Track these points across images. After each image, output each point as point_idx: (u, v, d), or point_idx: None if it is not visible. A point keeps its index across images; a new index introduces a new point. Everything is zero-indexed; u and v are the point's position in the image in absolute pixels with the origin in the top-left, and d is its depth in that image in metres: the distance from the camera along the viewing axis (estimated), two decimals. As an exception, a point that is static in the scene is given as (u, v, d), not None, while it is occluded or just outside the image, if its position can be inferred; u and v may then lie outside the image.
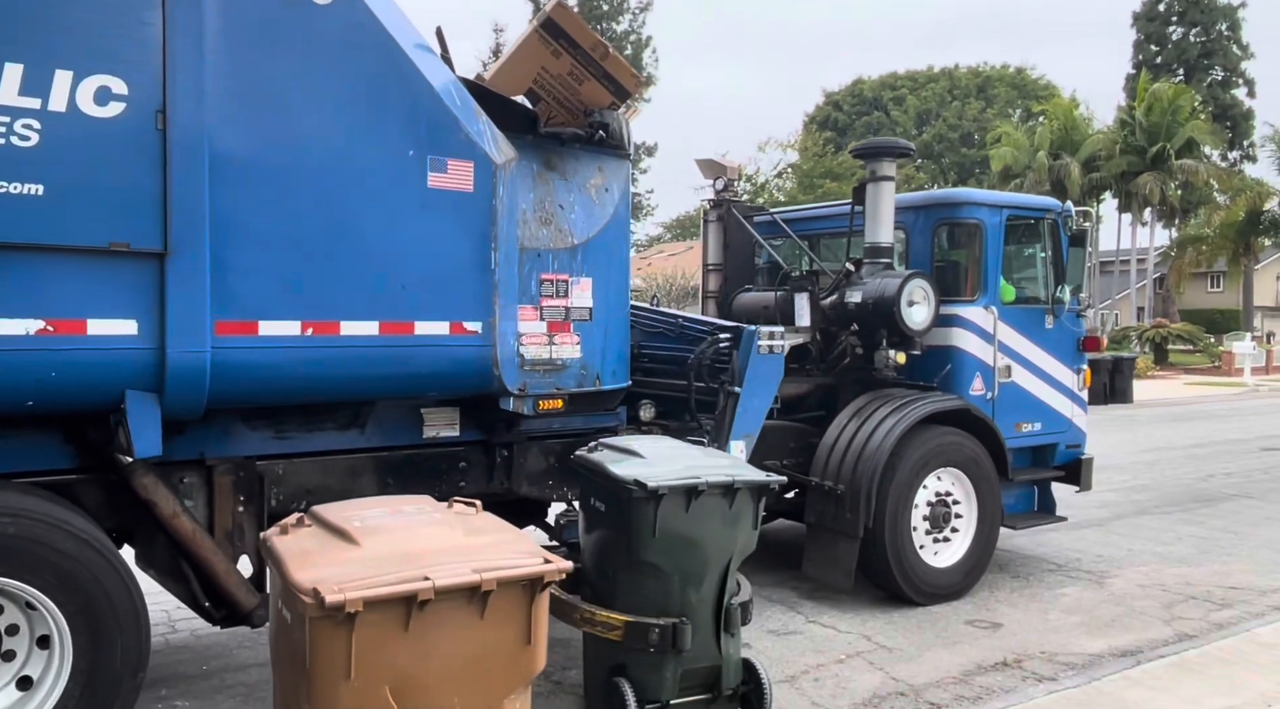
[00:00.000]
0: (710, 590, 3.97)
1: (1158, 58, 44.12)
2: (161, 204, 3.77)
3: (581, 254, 4.99)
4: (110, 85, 3.67)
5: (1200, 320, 40.43)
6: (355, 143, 4.22)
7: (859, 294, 5.96)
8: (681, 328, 5.79)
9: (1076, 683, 4.86)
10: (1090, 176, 37.69)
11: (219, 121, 3.87)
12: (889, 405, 5.81)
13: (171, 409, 3.95)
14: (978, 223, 6.35)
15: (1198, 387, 25.70)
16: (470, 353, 4.55)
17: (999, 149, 39.30)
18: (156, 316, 3.81)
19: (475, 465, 5.14)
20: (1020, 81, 49.65)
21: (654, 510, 3.79)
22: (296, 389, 4.29)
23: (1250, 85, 44.41)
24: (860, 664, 5.16)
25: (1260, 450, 13.39)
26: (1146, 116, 37.01)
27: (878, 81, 49.98)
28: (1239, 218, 39.04)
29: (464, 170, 4.47)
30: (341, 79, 4.19)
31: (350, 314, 4.25)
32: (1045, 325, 6.68)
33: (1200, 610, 6.13)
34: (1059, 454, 6.88)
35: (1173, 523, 8.61)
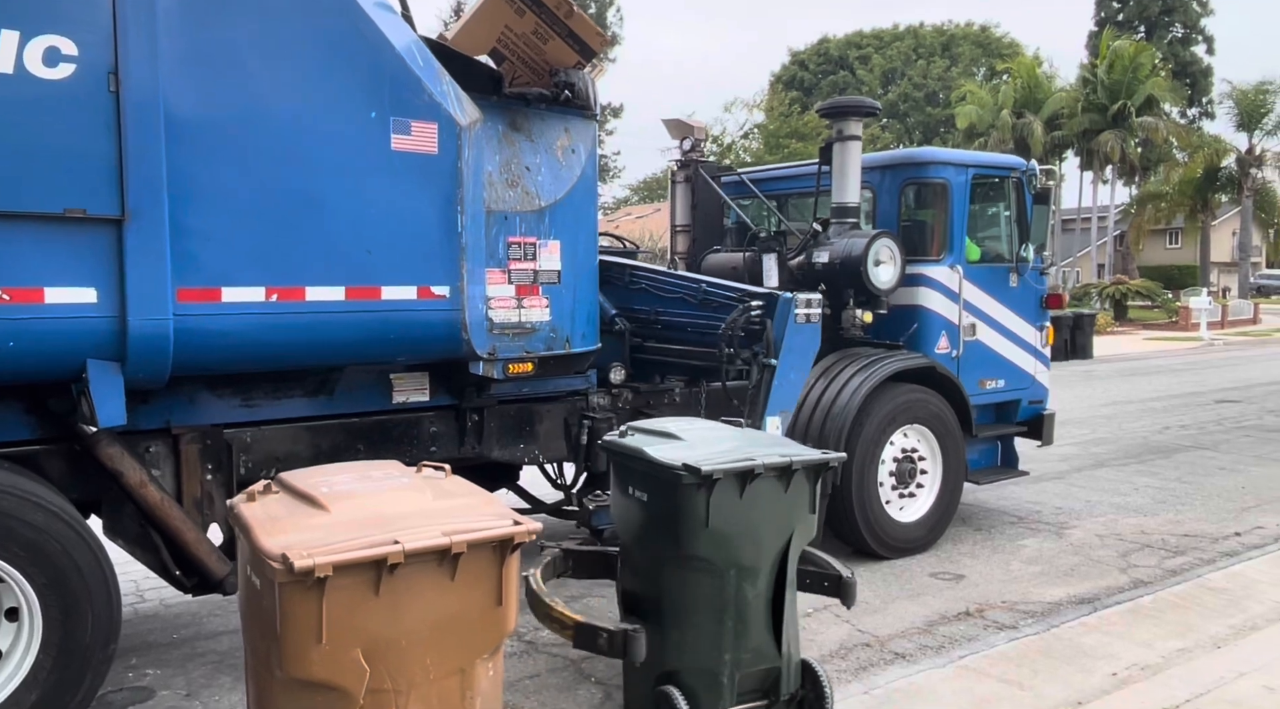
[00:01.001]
0: (766, 584, 3.63)
1: (1119, 15, 44.17)
2: (117, 169, 3.68)
3: (549, 216, 4.93)
4: (59, 46, 3.55)
5: (1159, 277, 40.97)
6: (316, 104, 4.12)
7: (826, 254, 5.96)
8: (705, 294, 5.72)
9: (1036, 630, 4.96)
10: (1053, 135, 37.82)
11: (174, 83, 3.76)
12: (856, 364, 5.84)
13: (134, 378, 3.88)
14: (943, 182, 6.35)
15: (1156, 342, 26.08)
16: (438, 317, 4.50)
17: (964, 107, 39.33)
18: (116, 284, 3.73)
19: (446, 430, 5.10)
20: (984, 39, 49.60)
21: (706, 498, 3.42)
22: (262, 356, 4.23)
23: (1209, 42, 44.65)
24: (827, 617, 5.21)
25: (1214, 403, 13.65)
26: (1108, 74, 37.12)
27: (843, 40, 49.72)
28: (1197, 175, 39.44)
29: (428, 132, 4.39)
30: (300, 38, 4.08)
31: (315, 279, 4.18)
32: (1009, 283, 6.74)
33: (1154, 558, 6.27)
34: (1022, 410, 6.97)
35: (1130, 474, 8.79)
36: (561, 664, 4.68)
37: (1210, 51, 44.50)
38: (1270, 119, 38.54)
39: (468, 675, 2.95)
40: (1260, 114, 38.60)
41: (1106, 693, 4.15)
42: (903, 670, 4.54)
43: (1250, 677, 4.22)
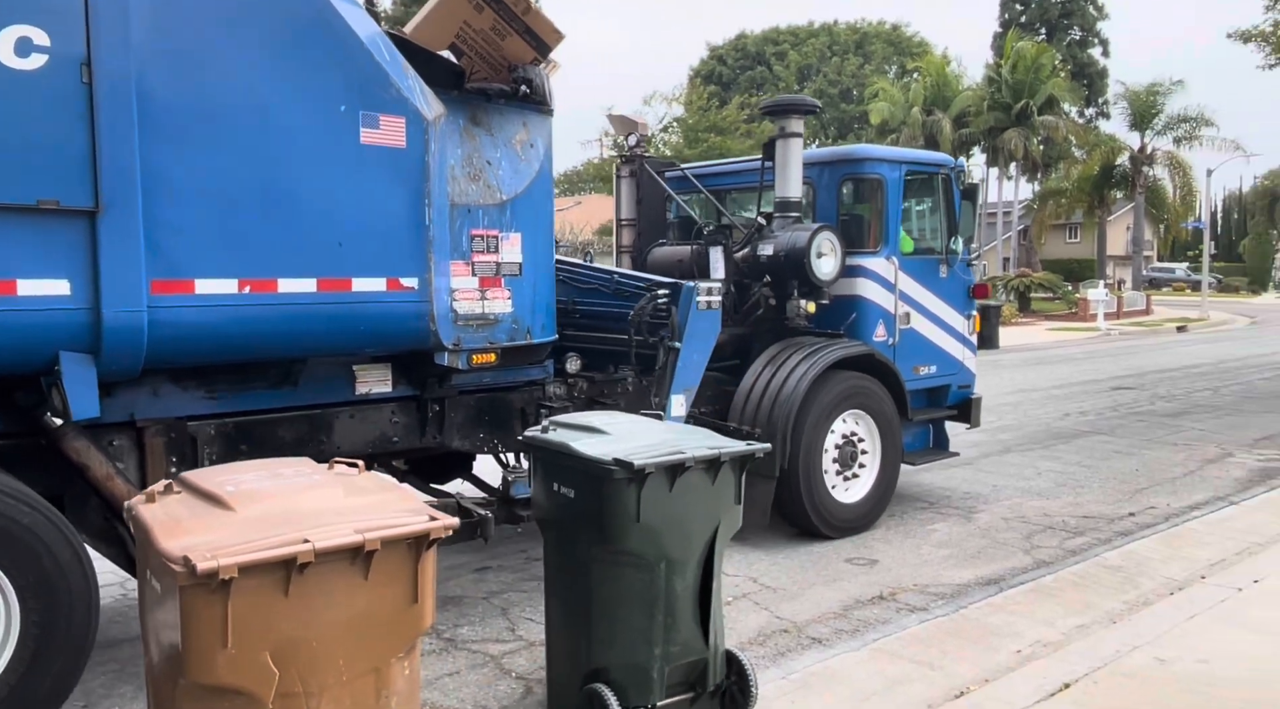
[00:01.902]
0: (695, 576, 3.62)
1: (1022, 17, 45.76)
2: (90, 160, 3.68)
3: (510, 210, 5.04)
4: (31, 36, 3.55)
5: (1059, 269, 42.71)
6: (287, 97, 4.17)
7: (771, 247, 6.20)
8: (617, 284, 5.89)
9: (946, 611, 5.13)
10: (961, 132, 39.05)
11: (147, 75, 3.77)
12: (801, 353, 6.09)
13: (107, 370, 3.89)
14: (879, 178, 6.66)
15: (1057, 332, 27.13)
16: (407, 309, 4.58)
17: (876, 104, 40.29)
18: (90, 276, 3.74)
19: (407, 421, 5.16)
20: (896, 38, 50.89)
21: (637, 492, 3.38)
22: (235, 348, 4.26)
23: (1105, 45, 46.60)
24: (746, 605, 5.32)
25: (1111, 389, 14.24)
26: (1012, 74, 38.47)
27: (760, 36, 50.43)
28: (1094, 172, 41.25)
29: (396, 126, 4.46)
30: (271, 31, 4.12)
31: (287, 271, 4.23)
32: (940, 274, 7.10)
33: (1056, 539, 6.53)
34: (951, 394, 7.34)
35: (1034, 459, 9.13)
36: (481, 660, 4.67)
37: (1106, 54, 46.49)
38: (1160, 119, 40.48)
39: (383, 675, 2.90)
40: (1151, 114, 40.54)
41: (1012, 670, 4.29)
42: (819, 655, 4.64)
43: (1143, 649, 4.43)
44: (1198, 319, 32.38)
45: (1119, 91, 42.09)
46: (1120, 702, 3.92)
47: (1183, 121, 40.09)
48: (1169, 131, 40.57)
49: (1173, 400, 13.28)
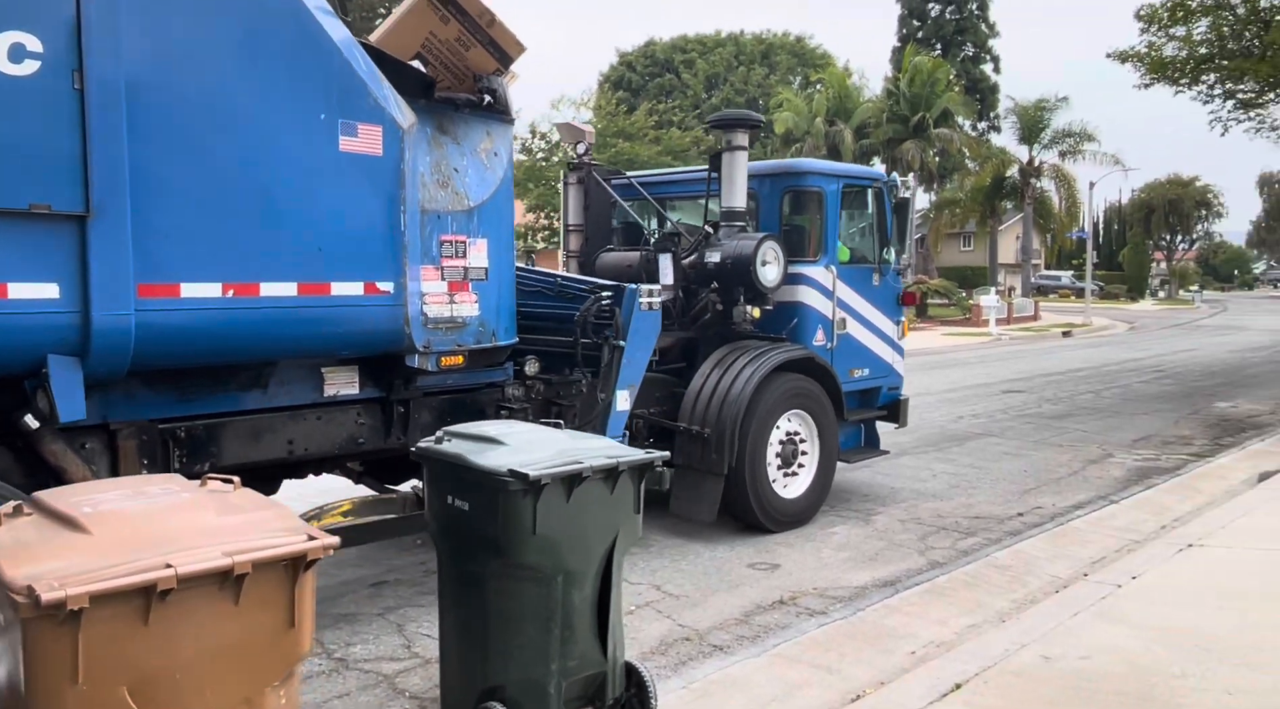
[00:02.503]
0: (593, 588, 3.57)
1: (919, 32, 47.53)
2: (82, 165, 3.74)
3: (477, 216, 5.22)
4: (24, 42, 3.60)
5: (954, 277, 44.40)
6: (270, 106, 4.28)
7: (718, 254, 6.51)
8: (561, 286, 6.12)
9: (844, 614, 5.21)
10: (862, 142, 40.29)
11: (136, 82, 3.85)
12: (746, 356, 6.42)
13: (94, 373, 3.94)
14: (819, 190, 7.06)
15: (952, 337, 28.10)
16: (383, 312, 4.72)
17: (781, 114, 41.14)
18: (79, 280, 3.79)
19: (373, 422, 5.28)
20: (800, 50, 52.18)
21: (534, 504, 3.31)
22: (218, 350, 4.35)
23: (996, 61, 48.73)
24: (649, 614, 5.32)
25: (1001, 393, 14.72)
26: (909, 87, 39.87)
27: (669, 44, 51.11)
28: (986, 183, 43.09)
29: (373, 134, 4.61)
30: (256, 42, 4.23)
31: (269, 275, 4.33)
32: (873, 282, 7.54)
33: (949, 540, 6.70)
34: (882, 396, 7.80)
35: (928, 462, 9.38)
36: (374, 680, 4.57)
37: (997, 70, 48.60)
38: (1047, 134, 42.54)
39: (256, 705, 2.74)
40: (1039, 129, 42.57)
41: (906, 671, 4.38)
42: (720, 662, 4.64)
43: (1030, 647, 4.54)
44: (1082, 325, 33.79)
45: (1009, 107, 44.10)
46: (1008, 700, 4.02)
47: (1067, 136, 42.24)
48: (1055, 146, 42.67)
49: (1058, 403, 13.84)
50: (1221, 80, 13.52)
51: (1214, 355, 22.54)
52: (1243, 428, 11.73)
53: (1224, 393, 15.22)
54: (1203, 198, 70.49)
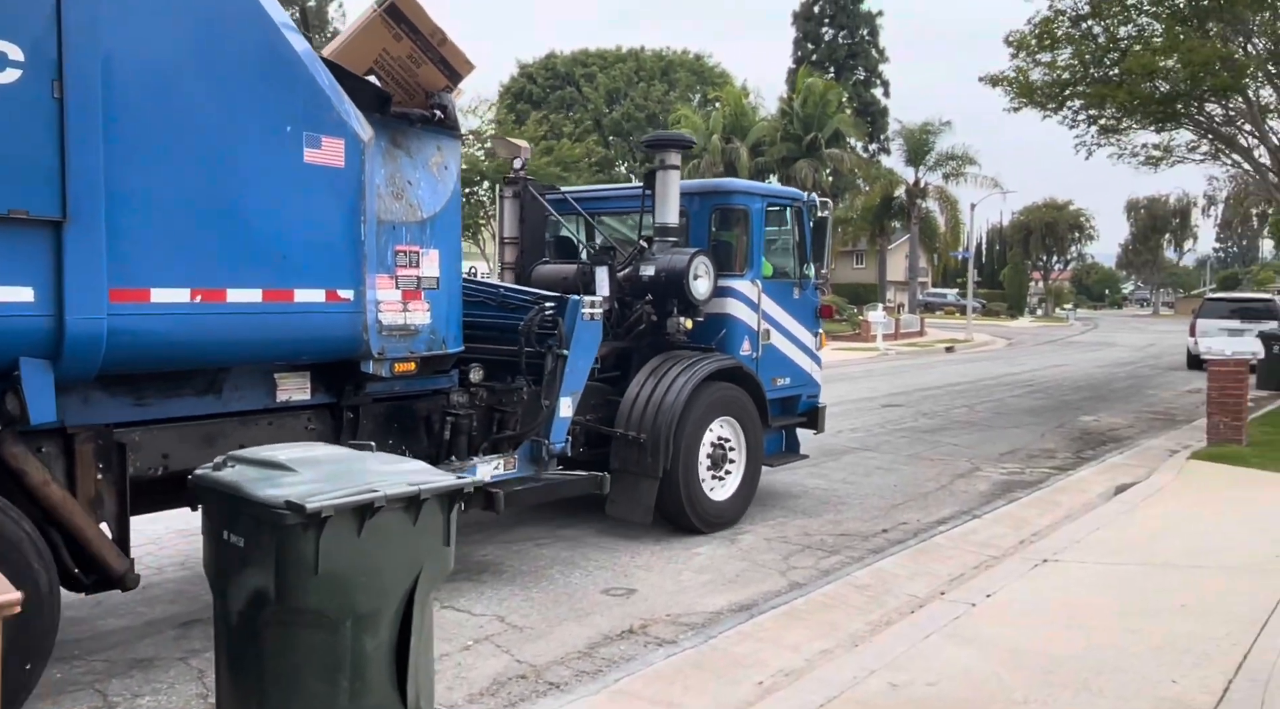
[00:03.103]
0: (390, 632, 3.22)
1: (813, 55, 49.23)
2: (60, 172, 3.85)
3: (430, 227, 5.44)
4: (6, 51, 3.70)
5: (847, 293, 45.97)
6: (239, 118, 4.45)
7: (652, 268, 6.86)
8: (503, 297, 6.37)
9: (694, 643, 4.97)
10: (757, 160, 41.37)
11: (113, 92, 3.98)
12: (680, 365, 6.78)
13: (64, 376, 4.04)
14: (745, 208, 7.49)
15: (842, 352, 28.88)
16: (343, 319, 4.91)
17: (678, 130, 42.00)
18: (53, 284, 3.89)
19: (323, 428, 5.44)
20: (699, 68, 53.33)
21: (316, 539, 2.99)
22: (185, 355, 4.48)
23: (886, 86, 50.85)
24: (487, 649, 5.02)
25: (881, 407, 14.99)
26: (803, 108, 41.26)
27: (570, 57, 51.57)
28: (875, 202, 44.81)
29: (336, 147, 4.81)
30: (227, 55, 4.40)
31: (235, 282, 4.48)
32: (794, 296, 8.02)
33: (812, 559, 6.62)
34: (801, 403, 8.27)
35: (801, 477, 9.27)
36: None
37: (887, 94, 50.69)
38: (931, 157, 44.48)
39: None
40: (924, 152, 44.46)
41: (750, 704, 4.22)
42: (555, 702, 4.36)
43: (879, 674, 4.45)
44: (964, 340, 35.20)
45: (897, 129, 46.04)
46: (849, 734, 3.91)
47: (950, 159, 44.20)
48: (939, 168, 44.56)
49: (934, 417, 14.10)
50: (1085, 106, 14.21)
51: (1082, 370, 23.58)
52: (1103, 441, 12.19)
53: (1089, 407, 15.84)
54: (1076, 221, 74.86)
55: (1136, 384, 20.24)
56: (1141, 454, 10.67)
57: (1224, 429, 10.37)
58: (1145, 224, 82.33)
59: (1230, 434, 10.33)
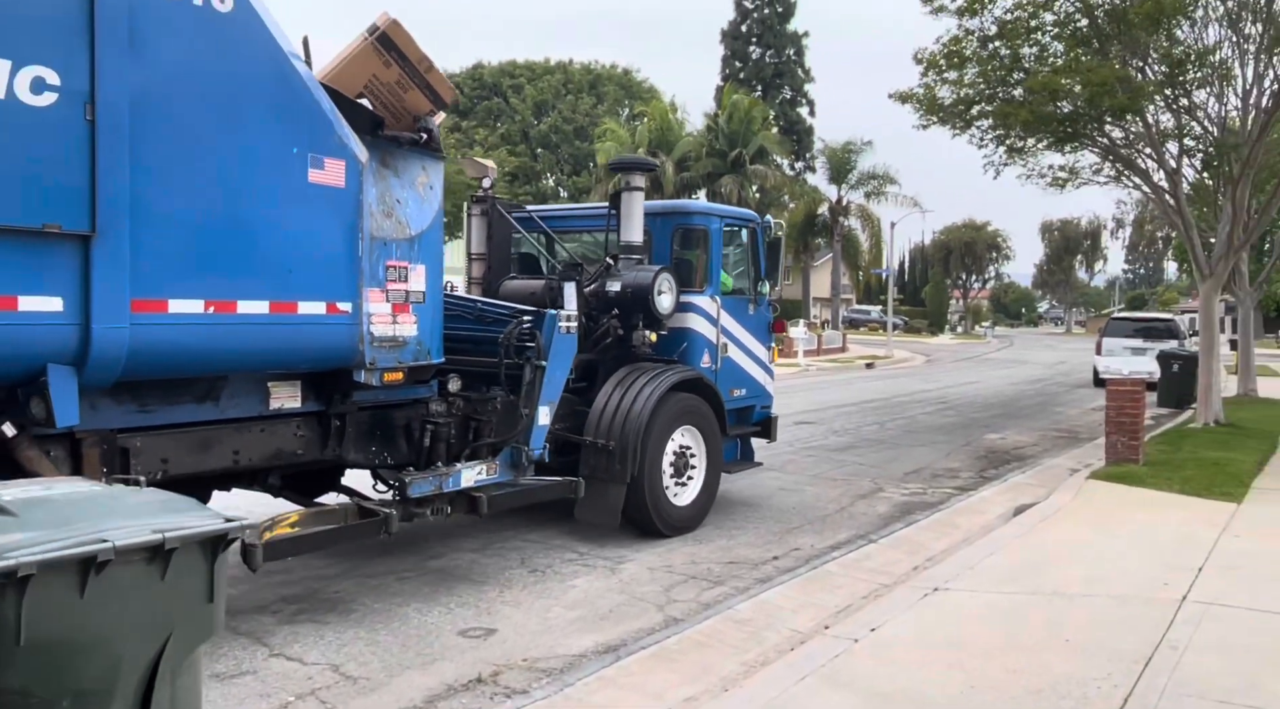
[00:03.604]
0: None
1: (741, 73, 50.35)
2: (90, 189, 4.16)
3: (418, 244, 5.81)
4: (45, 76, 4.01)
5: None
6: (251, 140, 4.80)
7: (618, 284, 7.31)
8: (480, 311, 6.75)
9: (547, 693, 4.57)
10: (683, 175, 42.10)
11: (138, 115, 4.30)
12: (645, 376, 7.24)
13: (88, 382, 4.33)
14: (705, 228, 8.03)
15: (765, 368, 29.80)
16: (342, 330, 5.26)
17: (603, 144, 42.42)
18: (81, 294, 4.20)
19: (311, 435, 5.75)
20: (627, 82, 54.13)
21: (18, 603, 2.49)
22: (198, 362, 4.79)
23: (812, 105, 52.21)
24: (310, 704, 4.55)
25: (794, 424, 14.83)
26: (728, 124, 42.13)
27: (497, 68, 51.88)
28: (799, 219, 46.00)
29: (338, 168, 5.17)
30: (242, 82, 4.75)
31: (245, 294, 4.81)
32: (749, 312, 8.58)
33: (695, 590, 6.34)
34: (756, 414, 8.82)
35: None
36: None
37: (813, 114, 52.06)
38: (854, 175, 45.88)
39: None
40: (846, 170, 45.85)
41: None
42: None
43: None
44: (884, 357, 36.29)
45: (821, 147, 47.39)
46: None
47: (872, 178, 45.62)
48: (861, 186, 45.94)
49: (844, 434, 14.23)
50: (993, 126, 14.37)
51: (994, 388, 24.30)
52: (1007, 459, 12.36)
53: (996, 424, 16.22)
54: (994, 241, 78.03)
55: (1044, 402, 20.87)
56: (1043, 473, 10.78)
57: (1122, 448, 10.39)
58: (1059, 245, 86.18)
59: (1128, 454, 10.35)
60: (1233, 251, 14.22)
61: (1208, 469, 10.10)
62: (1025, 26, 13.23)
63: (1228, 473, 9.94)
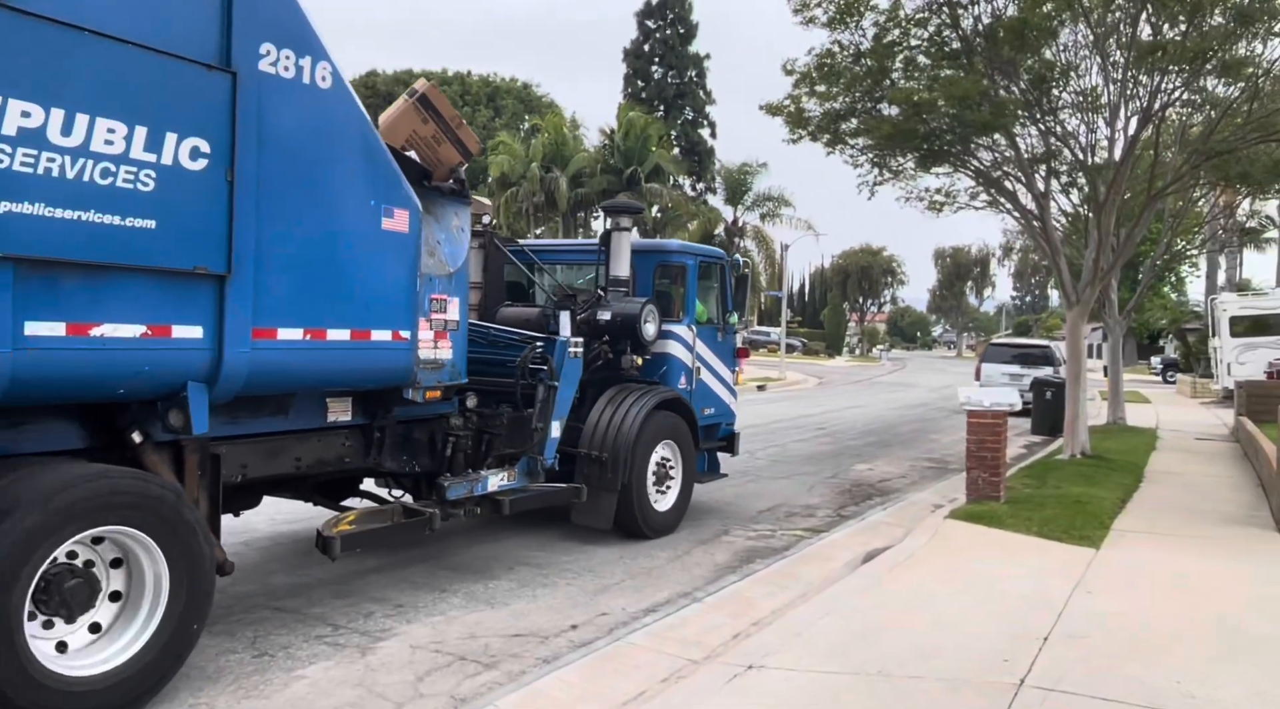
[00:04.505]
0: None
1: (643, 93, 52.22)
2: (227, 237, 5.23)
3: (454, 280, 6.98)
4: (200, 146, 5.07)
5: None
6: (341, 194, 5.92)
7: (608, 313, 8.59)
8: (493, 337, 7.92)
9: None
10: (577, 191, 43.20)
11: (263, 175, 5.39)
12: (633, 396, 8.52)
13: (216, 397, 5.37)
14: (683, 265, 9.37)
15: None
16: (403, 354, 6.39)
17: (496, 157, 43.18)
18: (216, 324, 5.25)
19: (356, 444, 6.84)
20: (527, 96, 55.42)
21: None
22: (295, 381, 5.88)
23: (713, 127, 54.43)
24: None
25: None
26: (624, 141, 43.56)
27: (391, 77, 52.46)
28: (696, 239, 47.88)
29: (403, 216, 6.31)
30: (334, 144, 5.87)
31: (333, 324, 5.91)
32: (718, 339, 9.99)
33: (454, 680, 5.48)
34: (721, 430, 10.20)
35: (514, 546, 8.52)
36: None
37: (714, 135, 54.25)
38: (750, 196, 47.98)
39: None
40: (742, 191, 47.95)
41: None
42: None
43: None
44: (777, 379, 37.92)
45: (719, 168, 49.45)
46: None
47: (767, 200, 47.80)
48: (756, 207, 48.06)
49: None
50: (863, 145, 14.30)
51: (876, 412, 25.17)
52: (871, 494, 12.26)
53: (869, 453, 16.41)
54: (889, 266, 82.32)
55: (923, 428, 21.43)
56: (904, 511, 10.57)
57: (983, 485, 10.22)
58: (950, 271, 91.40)
59: (988, 491, 10.18)
60: (1099, 278, 14.31)
61: (1069, 508, 9.95)
62: (895, 43, 13.24)
63: (1089, 513, 9.78)
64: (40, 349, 4.49)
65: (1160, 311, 50.06)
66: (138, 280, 4.86)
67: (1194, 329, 44.63)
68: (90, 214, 4.61)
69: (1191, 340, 45.17)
